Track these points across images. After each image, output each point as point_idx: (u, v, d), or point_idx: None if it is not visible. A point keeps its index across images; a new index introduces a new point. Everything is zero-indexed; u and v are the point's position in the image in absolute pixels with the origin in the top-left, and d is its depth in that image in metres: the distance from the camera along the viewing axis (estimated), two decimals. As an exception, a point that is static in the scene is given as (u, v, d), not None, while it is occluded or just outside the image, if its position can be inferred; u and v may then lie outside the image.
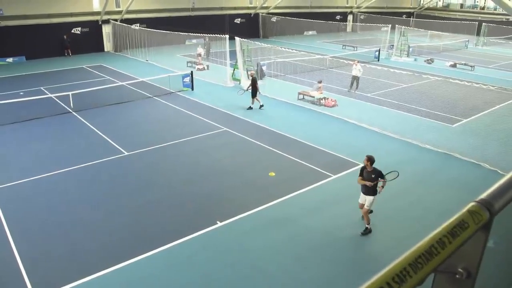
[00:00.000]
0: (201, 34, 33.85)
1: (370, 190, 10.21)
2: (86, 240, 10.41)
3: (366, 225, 10.47)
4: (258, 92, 21.16)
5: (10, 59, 35.58)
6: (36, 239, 10.46)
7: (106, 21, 40.24)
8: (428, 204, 12.10)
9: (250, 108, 21.25)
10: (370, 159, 10.23)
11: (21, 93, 24.59)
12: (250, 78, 21.69)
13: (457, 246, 1.13)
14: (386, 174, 10.18)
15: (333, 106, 21.49)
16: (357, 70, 24.43)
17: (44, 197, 12.54)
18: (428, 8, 69.99)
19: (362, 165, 14.28)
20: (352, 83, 24.83)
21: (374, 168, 10.23)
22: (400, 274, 1.01)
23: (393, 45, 38.73)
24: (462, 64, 33.94)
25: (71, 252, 9.95)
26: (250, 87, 21.16)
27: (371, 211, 10.72)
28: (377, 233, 10.47)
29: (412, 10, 69.98)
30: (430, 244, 1.10)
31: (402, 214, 11.58)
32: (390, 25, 41.29)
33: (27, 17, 35.55)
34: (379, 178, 10.15)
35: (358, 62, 24.86)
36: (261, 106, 21.29)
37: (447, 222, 1.17)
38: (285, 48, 29.64)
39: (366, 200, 10.34)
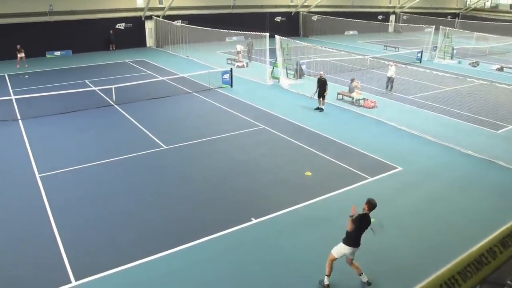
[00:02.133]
0: (242, 32, 33.98)
1: (349, 240, 8.45)
2: (123, 230, 10.69)
3: (325, 275, 8.73)
4: (325, 94, 20.59)
5: (58, 53, 36.87)
6: (78, 226, 10.82)
7: (149, 17, 41.02)
8: (468, 211, 11.81)
9: (318, 109, 20.84)
10: (369, 203, 8.39)
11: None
12: (317, 78, 20.88)
13: (508, 257, 1.13)
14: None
15: (372, 107, 21.22)
16: (392, 71, 24.05)
17: (86, 187, 12.95)
18: (475, 9, 67.98)
19: (399, 168, 14.18)
20: (387, 84, 24.48)
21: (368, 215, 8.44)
22: (448, 281, 1.02)
23: (436, 47, 37.82)
24: (509, 67, 32.76)
25: (110, 240, 10.25)
26: (318, 88, 20.61)
27: (368, 283, 8.83)
28: (413, 239, 10.28)
29: (457, 11, 68.14)
30: (480, 253, 1.10)
31: (440, 220, 11.34)
32: (434, 26, 40.33)
33: (75, 13, 36.65)
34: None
35: (394, 63, 24.43)
36: (321, 109, 20.82)
37: (498, 231, 1.17)
38: (325, 47, 29.42)
39: (339, 247, 8.62)
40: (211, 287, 8.74)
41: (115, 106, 21.37)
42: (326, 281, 8.76)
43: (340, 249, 8.57)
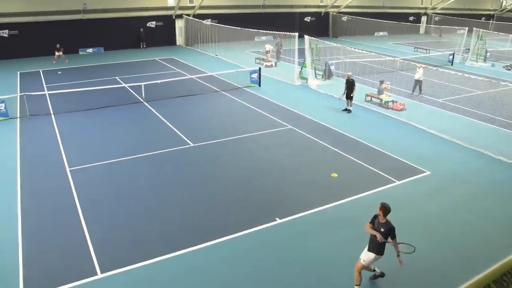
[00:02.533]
0: (271, 32, 33.97)
1: (376, 247, 8.30)
2: (149, 225, 10.86)
3: (355, 285, 8.54)
4: (352, 95, 20.44)
5: (90, 50, 37.69)
6: (105, 220, 11.06)
7: (179, 16, 41.45)
8: (497, 219, 11.52)
9: (346, 110, 20.70)
10: (385, 209, 8.32)
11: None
12: (346, 79, 20.71)
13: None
14: (401, 243, 8.39)
15: (401, 110, 20.93)
16: (419, 74, 23.69)
17: (114, 182, 13.21)
18: (511, 10, 66.20)
19: (427, 172, 13.95)
20: (414, 87, 24.12)
21: (387, 221, 8.32)
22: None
23: (469, 49, 37.02)
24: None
25: (135, 235, 10.44)
26: (346, 89, 20.46)
27: (381, 275, 8.94)
28: (440, 244, 10.11)
29: (492, 12, 66.48)
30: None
31: (468, 225, 11.11)
32: (467, 28, 39.47)
33: (107, 11, 37.36)
34: (389, 238, 8.23)
35: (421, 65, 24.04)
36: (349, 110, 20.68)
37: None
38: (354, 48, 29.19)
39: (366, 255, 8.47)
40: (234, 286, 8.80)
41: (144, 103, 21.68)
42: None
43: (371, 258, 8.44)
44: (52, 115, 19.56)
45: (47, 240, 10.18)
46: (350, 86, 20.30)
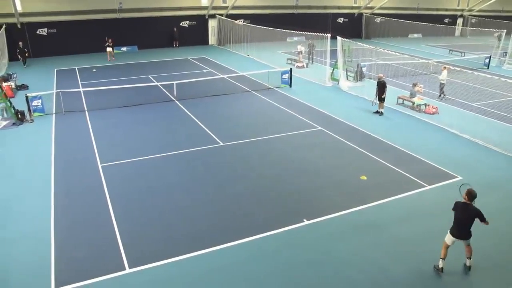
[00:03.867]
0: (303, 32, 33.91)
1: (468, 233, 8.89)
2: (178, 223, 11.02)
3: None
4: (383, 97, 20.23)
5: (124, 48, 38.45)
6: (134, 216, 11.27)
7: (212, 16, 41.80)
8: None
9: (378, 112, 20.52)
10: (470, 194, 8.77)
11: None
12: (377, 81, 20.55)
13: None
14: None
15: (433, 113, 20.56)
16: (443, 75, 23.19)
17: (145, 178, 13.45)
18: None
19: (459, 178, 13.64)
20: (441, 90, 23.63)
21: (471, 205, 8.79)
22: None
23: (506, 52, 36.04)
24: None
25: (164, 232, 10.60)
26: (378, 91, 20.30)
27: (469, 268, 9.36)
28: (475, 255, 9.88)
29: (532, 15, 64.49)
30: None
31: (500, 234, 10.82)
32: (505, 31, 38.44)
33: (141, 10, 38.04)
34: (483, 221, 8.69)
35: (445, 67, 23.55)
36: (381, 113, 20.48)
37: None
38: (387, 50, 28.85)
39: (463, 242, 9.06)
40: (260, 285, 8.84)
41: (176, 101, 21.97)
42: (440, 263, 9.19)
43: (447, 237, 9.15)
44: (86, 112, 20.06)
45: (78, 234, 10.45)
46: (381, 88, 20.09)
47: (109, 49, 33.64)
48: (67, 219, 11.06)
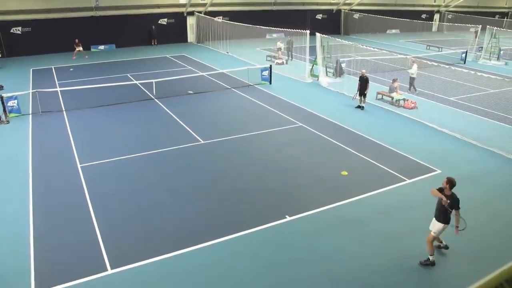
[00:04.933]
0: (282, 29, 33.92)
1: (441, 216, 9.10)
2: (159, 222, 10.92)
3: (429, 256, 9.35)
4: (365, 92, 20.47)
5: (101, 47, 37.98)
6: (115, 216, 11.14)
7: (191, 13, 41.56)
8: (508, 218, 11.43)
9: (359, 107, 20.77)
10: (450, 182, 9.04)
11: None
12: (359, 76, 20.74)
13: None
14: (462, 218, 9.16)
15: (412, 108, 20.79)
16: (413, 69, 23.52)
17: (125, 178, 13.30)
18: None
19: (438, 171, 13.83)
20: (410, 84, 23.92)
21: (453, 194, 9.06)
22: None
23: (482, 47, 36.65)
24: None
25: (145, 231, 10.50)
26: (359, 87, 20.51)
27: (446, 247, 9.82)
28: (453, 246, 9.99)
29: (507, 10, 65.70)
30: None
31: (480, 228, 10.98)
32: (480, 26, 39.07)
33: (119, 8, 37.58)
34: (453, 209, 9.00)
35: (414, 61, 23.87)
36: (362, 107, 20.75)
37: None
38: (366, 46, 29.01)
39: (434, 226, 9.28)
40: (244, 283, 8.82)
41: (155, 100, 21.78)
42: (432, 258, 9.30)
43: (440, 228, 9.19)
44: (64, 112, 19.73)
45: (58, 235, 10.28)
46: (364, 83, 20.26)
47: (78, 48, 33.23)
48: (47, 221, 10.86)
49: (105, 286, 8.61)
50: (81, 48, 33.22)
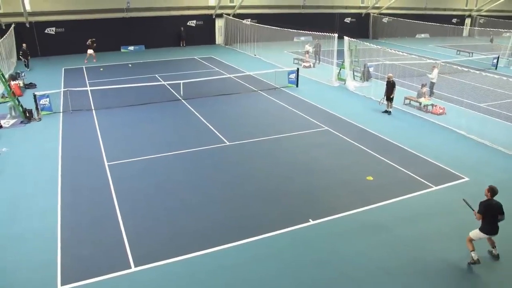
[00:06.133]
0: (310, 32, 33.87)
1: (498, 228, 9.19)
2: (184, 221, 11.05)
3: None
4: (391, 97, 20.32)
5: (131, 47, 38.62)
6: (140, 215, 11.32)
7: (220, 15, 41.87)
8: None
9: (386, 112, 20.60)
10: (492, 190, 9.19)
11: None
12: (386, 81, 20.56)
13: None
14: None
15: (440, 114, 20.48)
16: (434, 74, 23.14)
17: (151, 177, 13.49)
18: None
19: (466, 178, 13.57)
20: (431, 88, 23.53)
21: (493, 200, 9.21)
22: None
23: (515, 53, 35.83)
24: None
25: (170, 230, 10.64)
26: (386, 91, 20.38)
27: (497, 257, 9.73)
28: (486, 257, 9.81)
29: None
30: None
31: (509, 237, 10.75)
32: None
33: (149, 9, 38.18)
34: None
35: (435, 66, 23.47)
36: (389, 112, 20.58)
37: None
38: (394, 50, 28.75)
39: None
40: (267, 285, 8.84)
41: (182, 100, 22.03)
42: (474, 256, 9.33)
43: (476, 234, 9.35)
44: (93, 111, 20.16)
45: (84, 232, 10.50)
46: (390, 87, 20.09)
47: (90, 51, 32.59)
48: (74, 217, 11.13)
49: (129, 284, 8.75)
50: (92, 51, 32.56)
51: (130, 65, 29.93)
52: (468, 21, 58.32)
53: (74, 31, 35.24)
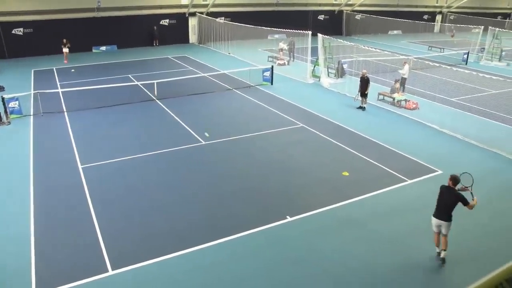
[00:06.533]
0: (284, 30, 33.93)
1: (448, 216, 9.13)
2: (160, 222, 10.91)
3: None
4: (366, 93, 20.51)
5: (103, 48, 37.94)
6: (116, 217, 11.13)
7: (193, 14, 41.55)
8: (509, 218, 11.40)
9: (361, 108, 20.76)
10: (454, 179, 9.21)
11: (72, 70, 28.32)
12: (360, 77, 20.79)
13: None
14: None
15: (414, 108, 20.77)
16: (405, 70, 23.48)
17: (126, 179, 13.29)
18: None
19: (439, 171, 13.79)
20: (402, 84, 23.87)
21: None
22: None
23: (484, 48, 36.59)
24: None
25: (146, 231, 10.50)
26: (360, 87, 20.59)
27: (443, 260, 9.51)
28: (452, 245, 9.97)
29: (508, 11, 65.58)
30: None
31: (481, 228, 10.98)
32: (482, 27, 39.00)
33: (121, 9, 37.55)
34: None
35: (406, 62, 23.86)
36: (363, 108, 20.74)
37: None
38: (367, 46, 29.00)
39: (442, 226, 9.26)
40: (244, 283, 8.81)
41: (157, 100, 21.78)
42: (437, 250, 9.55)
43: (432, 222, 9.41)
44: (65, 113, 19.74)
45: (59, 236, 10.28)
46: (364, 84, 20.28)
47: (65, 50, 32.25)
48: (48, 222, 10.87)
49: (107, 287, 8.60)
50: (67, 50, 32.12)
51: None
52: (439, 17, 59.29)
53: (43, 31, 34.36)
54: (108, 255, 9.55)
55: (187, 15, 41.59)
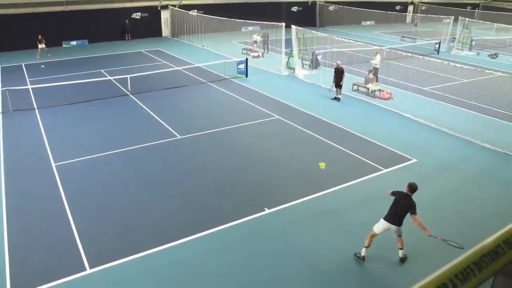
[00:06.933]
0: (258, 22, 33.84)
1: (397, 219, 8.86)
2: (137, 218, 10.78)
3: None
4: (340, 84, 20.63)
5: (74, 42, 37.15)
6: (92, 215, 10.95)
7: (165, 7, 41.04)
8: (482, 204, 11.65)
9: (336, 98, 20.87)
10: (411, 187, 8.92)
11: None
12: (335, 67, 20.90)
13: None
14: (449, 242, 8.44)
15: (388, 98, 21.00)
16: (376, 60, 23.76)
17: (101, 176, 13.07)
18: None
19: (414, 160, 14.01)
20: (375, 74, 24.15)
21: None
22: (464, 271, 0.97)
23: (454, 38, 37.24)
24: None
25: (123, 228, 10.37)
26: (335, 78, 20.68)
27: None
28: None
29: (478, 1, 66.77)
30: (497, 244, 1.05)
31: (454, 213, 11.20)
32: (452, 17, 39.65)
33: (91, 2, 36.79)
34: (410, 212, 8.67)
35: (378, 52, 24.14)
36: (338, 99, 20.84)
37: (515, 223, 1.11)
38: (341, 37, 29.17)
39: (392, 229, 8.96)
40: (223, 276, 8.78)
41: (130, 95, 21.47)
42: (363, 252, 9.18)
43: (379, 224, 9.07)
44: (36, 110, 19.27)
45: (34, 236, 10.05)
46: (339, 74, 20.38)
47: (41, 45, 31.66)
48: (22, 222, 10.61)
49: (85, 286, 8.46)
50: (44, 46, 31.73)
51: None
52: (410, 8, 59.99)
53: (10, 26, 33.37)
54: (86, 253, 9.39)
55: (159, 8, 41.05)
